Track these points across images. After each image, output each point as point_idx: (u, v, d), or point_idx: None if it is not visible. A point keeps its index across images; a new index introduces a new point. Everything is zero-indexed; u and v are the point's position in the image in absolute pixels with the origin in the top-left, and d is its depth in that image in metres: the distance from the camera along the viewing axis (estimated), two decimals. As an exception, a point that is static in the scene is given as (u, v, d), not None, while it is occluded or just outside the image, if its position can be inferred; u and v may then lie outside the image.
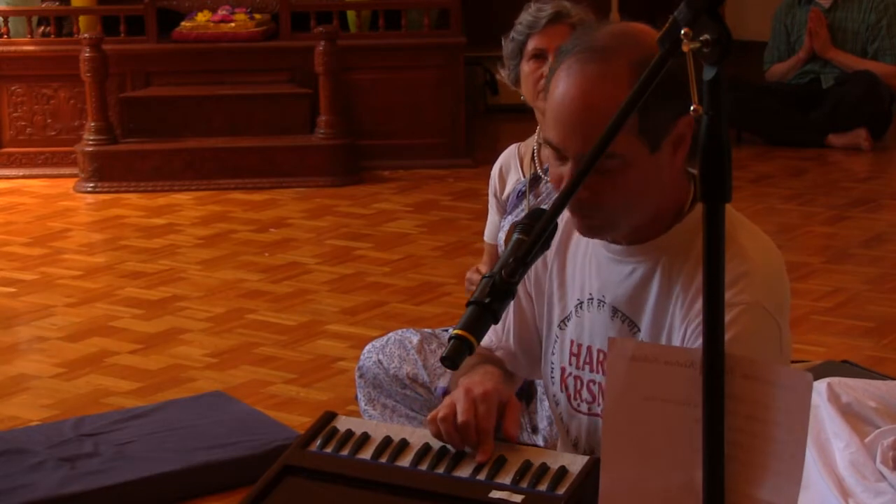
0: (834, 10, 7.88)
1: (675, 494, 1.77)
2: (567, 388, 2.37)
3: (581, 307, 2.34)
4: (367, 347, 3.84)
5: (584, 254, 2.35)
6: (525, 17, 3.65)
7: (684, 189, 2.26)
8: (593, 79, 2.16)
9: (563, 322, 2.38)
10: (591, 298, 2.32)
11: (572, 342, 2.36)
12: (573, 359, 2.36)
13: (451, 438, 2.16)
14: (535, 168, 3.75)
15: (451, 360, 1.99)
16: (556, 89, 2.20)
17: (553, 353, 2.40)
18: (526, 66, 3.62)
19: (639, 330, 2.25)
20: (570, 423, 2.38)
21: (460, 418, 2.15)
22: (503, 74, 3.74)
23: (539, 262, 2.41)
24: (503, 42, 3.70)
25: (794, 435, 1.71)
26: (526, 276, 2.43)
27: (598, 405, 2.31)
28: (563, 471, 2.06)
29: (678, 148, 2.20)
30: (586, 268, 2.34)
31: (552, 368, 2.41)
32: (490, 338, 2.51)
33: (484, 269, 3.79)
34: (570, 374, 2.37)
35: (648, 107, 1.94)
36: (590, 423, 2.34)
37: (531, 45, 3.61)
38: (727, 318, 2.09)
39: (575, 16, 3.62)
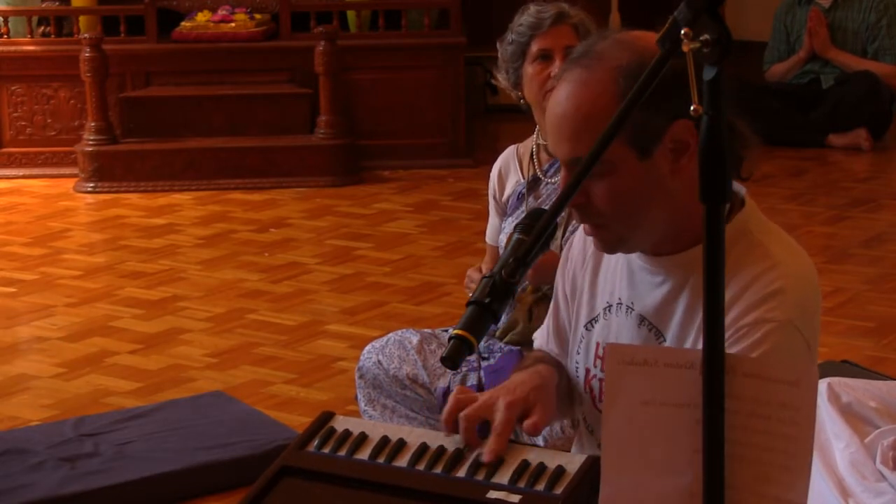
0: (834, 9, 7.89)
1: (676, 498, 1.77)
2: (591, 389, 2.37)
3: (609, 311, 2.33)
4: (367, 348, 3.84)
5: (618, 258, 2.33)
6: (526, 18, 3.63)
7: None
8: (577, 85, 2.16)
9: (591, 323, 2.37)
10: (620, 304, 2.31)
11: (598, 344, 2.35)
12: (598, 361, 2.35)
13: (446, 423, 2.16)
14: (535, 169, 3.75)
15: (451, 360, 1.99)
16: (552, 94, 2.22)
17: (578, 353, 2.40)
18: (530, 68, 3.61)
19: (665, 340, 2.24)
20: (596, 425, 2.37)
21: (463, 419, 2.15)
22: (500, 79, 3.71)
23: (578, 261, 2.41)
24: (499, 46, 3.69)
25: (801, 429, 1.70)
26: (565, 276, 2.43)
27: None
28: (560, 470, 2.06)
29: (680, 155, 2.14)
30: (618, 272, 2.33)
31: (577, 368, 2.40)
32: (538, 340, 2.52)
33: (486, 268, 3.79)
34: (595, 376, 2.36)
35: (638, 111, 1.93)
36: None
37: (535, 47, 3.60)
38: (758, 334, 2.09)
39: (575, 16, 3.63)
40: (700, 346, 2.15)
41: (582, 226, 2.29)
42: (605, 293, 2.35)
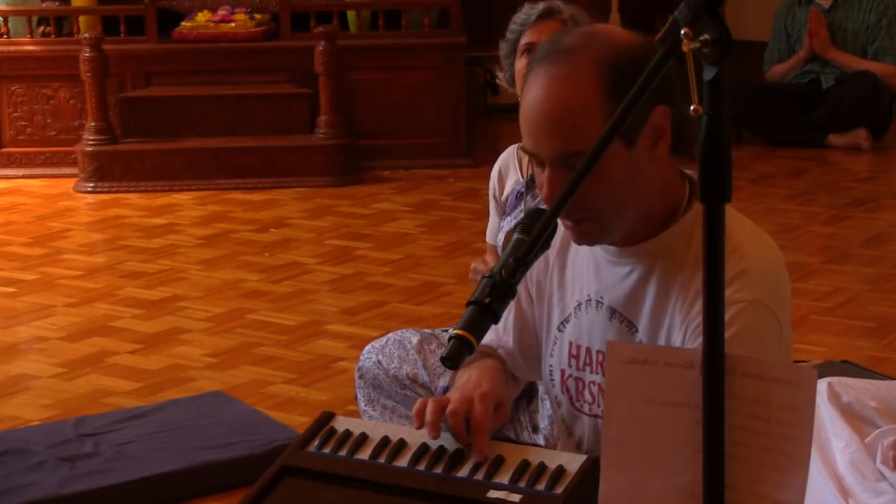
0: (834, 10, 7.89)
1: (676, 498, 1.77)
2: (568, 389, 2.37)
3: (580, 308, 2.34)
4: (367, 348, 3.84)
5: (584, 255, 2.35)
6: (518, 16, 3.71)
7: (677, 189, 2.25)
8: (556, 81, 2.16)
9: (563, 324, 2.38)
10: (590, 300, 2.32)
11: (571, 344, 2.36)
12: (573, 360, 2.36)
13: (432, 427, 2.16)
14: (533, 169, 3.75)
15: (451, 360, 1.99)
16: (526, 95, 2.21)
17: (552, 356, 2.40)
18: (519, 63, 3.67)
19: (637, 330, 2.25)
20: (574, 425, 2.38)
21: (450, 416, 2.15)
22: (500, 77, 3.77)
23: (541, 263, 2.41)
24: (500, 45, 3.74)
25: (800, 430, 1.71)
26: (528, 278, 2.43)
27: (599, 406, 2.31)
28: (560, 470, 2.06)
29: (657, 141, 2.17)
30: (585, 269, 2.34)
31: (551, 371, 2.40)
32: (490, 337, 2.50)
33: (490, 258, 3.81)
34: (571, 375, 2.37)
35: (620, 102, 1.94)
36: (592, 424, 2.34)
37: (523, 41, 3.65)
38: (727, 315, 2.09)
39: (565, 11, 3.65)
40: (673, 333, 2.18)
41: (561, 221, 2.28)
42: (575, 292, 2.36)
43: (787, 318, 2.22)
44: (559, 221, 2.31)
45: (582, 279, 2.34)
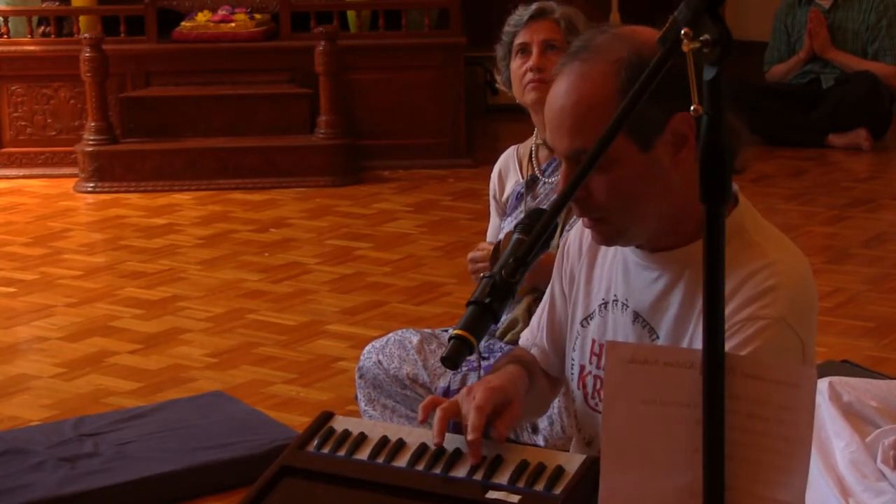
0: (834, 10, 7.89)
1: (676, 497, 1.76)
2: (585, 386, 2.37)
3: (605, 307, 2.33)
4: (367, 348, 3.84)
5: (613, 254, 2.34)
6: (511, 18, 3.75)
7: None
8: (574, 78, 2.17)
9: (586, 320, 2.38)
10: (616, 300, 2.31)
11: (594, 342, 2.36)
12: (594, 358, 2.35)
13: (438, 434, 2.16)
14: (533, 169, 3.76)
15: (451, 360, 1.99)
16: (551, 90, 2.22)
17: (574, 350, 2.40)
18: (513, 64, 3.68)
19: (658, 337, 2.24)
20: (585, 422, 2.38)
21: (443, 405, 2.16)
22: (499, 80, 3.79)
23: (574, 257, 2.41)
24: (496, 48, 3.75)
25: (799, 431, 1.70)
26: (563, 273, 2.44)
27: None
28: (559, 470, 2.06)
29: (679, 147, 2.15)
30: (614, 269, 2.33)
31: (572, 365, 2.41)
32: (526, 336, 2.52)
33: (485, 244, 3.81)
34: (590, 372, 2.36)
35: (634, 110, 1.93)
36: None
37: (517, 42, 3.67)
38: (750, 330, 2.10)
39: (558, 11, 3.67)
40: (695, 343, 2.17)
41: (580, 220, 2.29)
42: (602, 290, 2.35)
43: (811, 338, 2.19)
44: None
45: (610, 278, 2.34)
